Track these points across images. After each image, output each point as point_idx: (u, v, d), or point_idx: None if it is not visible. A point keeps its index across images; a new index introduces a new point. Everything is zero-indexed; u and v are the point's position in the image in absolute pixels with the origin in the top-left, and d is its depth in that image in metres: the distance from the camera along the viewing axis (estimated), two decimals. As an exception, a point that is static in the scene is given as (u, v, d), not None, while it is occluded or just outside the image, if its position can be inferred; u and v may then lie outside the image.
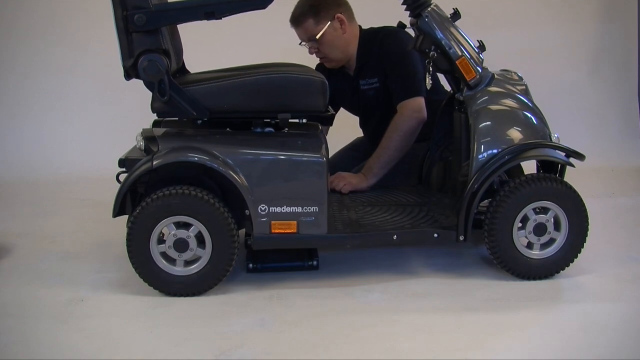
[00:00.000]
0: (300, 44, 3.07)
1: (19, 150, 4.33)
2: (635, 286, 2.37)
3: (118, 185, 2.32)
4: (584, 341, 1.99)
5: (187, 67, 2.77)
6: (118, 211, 2.35)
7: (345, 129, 3.36)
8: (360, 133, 3.39)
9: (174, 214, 2.23)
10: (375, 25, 3.12)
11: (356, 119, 3.33)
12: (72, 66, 4.52)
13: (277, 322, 2.12)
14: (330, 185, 2.81)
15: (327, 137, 2.55)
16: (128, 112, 3.88)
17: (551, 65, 4.56)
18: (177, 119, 2.51)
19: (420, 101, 2.90)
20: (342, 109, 3.29)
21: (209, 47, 3.96)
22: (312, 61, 3.06)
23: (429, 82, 2.55)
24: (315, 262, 2.52)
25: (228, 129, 2.46)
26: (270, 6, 2.25)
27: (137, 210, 2.23)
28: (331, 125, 3.20)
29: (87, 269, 2.58)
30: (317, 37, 2.97)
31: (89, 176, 3.99)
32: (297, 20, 3.00)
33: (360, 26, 3.12)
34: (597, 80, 4.66)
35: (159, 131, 2.43)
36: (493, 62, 2.59)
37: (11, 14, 4.44)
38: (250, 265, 2.49)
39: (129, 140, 2.56)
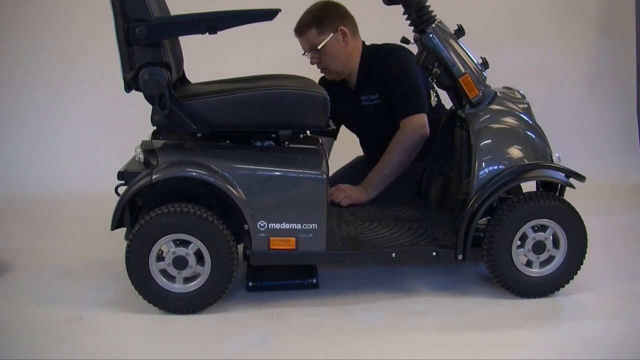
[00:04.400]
0: (303, 54, 3.07)
1: (17, 167, 4.28)
2: (635, 304, 2.38)
3: (116, 200, 2.30)
4: (584, 359, 1.98)
5: (188, 73, 2.77)
6: (117, 224, 2.33)
7: (345, 148, 3.37)
8: (360, 152, 3.39)
9: (173, 232, 2.22)
10: (380, 40, 3.11)
11: (357, 137, 3.34)
12: (70, 81, 4.46)
13: (277, 340, 2.12)
14: (330, 197, 2.79)
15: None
16: (127, 127, 3.83)
17: (551, 84, 4.57)
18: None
19: (423, 117, 2.91)
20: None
21: (210, 54, 3.94)
22: (313, 72, 3.06)
23: (434, 98, 2.55)
24: (315, 280, 2.50)
25: (228, 141, 2.44)
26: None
27: (136, 228, 2.21)
28: (335, 138, 3.21)
29: (86, 287, 2.56)
30: (319, 47, 2.97)
31: (88, 194, 3.96)
32: (300, 29, 3.01)
33: (363, 42, 3.12)
34: (597, 98, 4.66)
35: (158, 143, 2.41)
36: (494, 79, 2.59)
37: (7, 26, 4.39)
38: (250, 283, 2.48)
39: (127, 156, 2.55)
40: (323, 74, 3.16)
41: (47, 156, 4.37)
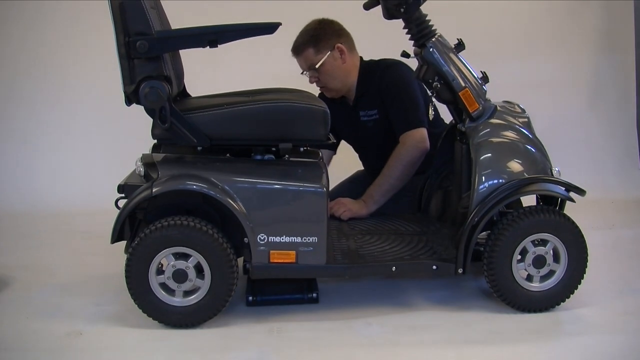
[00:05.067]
0: (301, 73, 3.07)
1: (17, 182, 4.28)
2: (637, 318, 2.37)
3: (116, 214, 2.30)
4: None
5: (189, 86, 2.77)
6: (116, 237, 2.34)
7: (345, 162, 3.37)
8: (360, 166, 3.39)
9: (173, 245, 2.22)
10: (379, 55, 3.12)
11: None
12: (70, 95, 4.45)
13: (277, 355, 2.11)
14: (330, 211, 2.80)
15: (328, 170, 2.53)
16: (127, 141, 3.83)
17: (551, 98, 4.58)
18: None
19: (422, 132, 2.91)
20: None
21: (211, 68, 3.95)
22: (313, 87, 3.07)
23: (431, 112, 2.55)
24: (315, 295, 2.50)
25: (228, 155, 2.45)
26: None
27: (136, 242, 2.21)
28: (335, 152, 3.21)
29: (86, 302, 2.55)
30: (317, 66, 2.98)
31: (88, 208, 3.96)
32: (298, 49, 3.02)
33: (361, 57, 3.13)
34: (596, 112, 4.67)
35: (159, 157, 2.42)
36: (494, 93, 2.59)
37: (6, 40, 4.40)
38: (250, 298, 2.47)
39: (127, 170, 2.54)
40: (322, 92, 3.17)
41: (47, 170, 4.37)
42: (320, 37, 2.99)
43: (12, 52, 4.40)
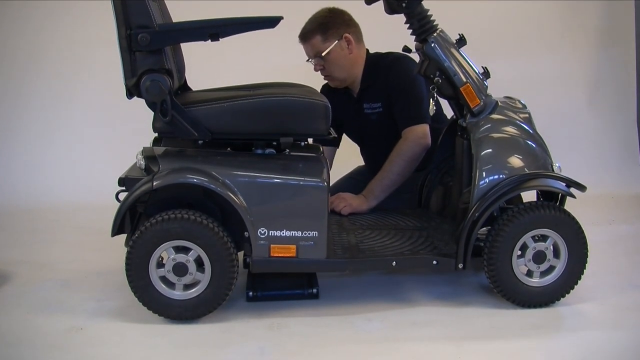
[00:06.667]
0: (307, 60, 3.08)
1: (18, 177, 4.27)
2: (636, 314, 2.37)
3: (117, 206, 2.30)
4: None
5: (190, 80, 2.76)
6: (117, 230, 2.34)
7: (346, 158, 3.37)
8: (360, 162, 3.39)
9: (173, 239, 2.22)
10: (382, 49, 3.12)
11: (357, 147, 3.35)
12: (71, 89, 4.45)
13: (277, 351, 2.11)
14: (330, 206, 2.78)
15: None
16: (128, 135, 3.81)
17: (551, 93, 4.58)
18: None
19: (425, 128, 2.91)
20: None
21: (212, 62, 3.94)
22: (315, 79, 3.07)
23: (432, 107, 2.55)
24: (315, 290, 2.50)
25: (229, 149, 2.44)
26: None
27: (137, 235, 2.21)
28: (337, 147, 3.22)
29: (87, 297, 2.55)
30: (323, 54, 2.99)
31: (88, 203, 3.95)
32: (305, 36, 3.02)
33: (367, 50, 3.13)
34: (597, 107, 4.67)
35: (160, 150, 2.42)
36: (495, 89, 2.59)
37: (7, 33, 4.39)
38: (250, 293, 2.47)
39: (128, 165, 2.54)
40: (326, 81, 3.17)
41: (48, 165, 4.36)
42: (329, 25, 2.99)
43: (10, 47, 4.38)
